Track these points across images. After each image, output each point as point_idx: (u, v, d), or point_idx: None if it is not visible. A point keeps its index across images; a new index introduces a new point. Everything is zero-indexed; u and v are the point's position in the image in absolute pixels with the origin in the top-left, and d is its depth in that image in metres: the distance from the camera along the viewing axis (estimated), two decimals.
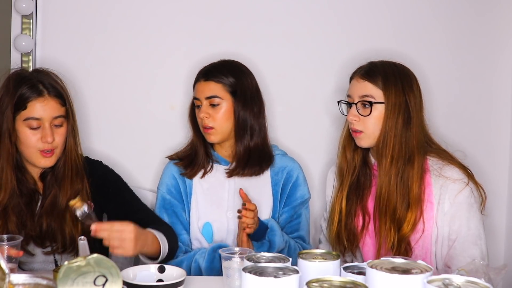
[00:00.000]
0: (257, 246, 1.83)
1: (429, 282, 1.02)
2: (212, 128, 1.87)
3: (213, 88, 1.87)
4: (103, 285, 1.02)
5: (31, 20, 2.30)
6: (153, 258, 1.65)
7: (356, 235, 1.78)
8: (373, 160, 1.80)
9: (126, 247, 1.47)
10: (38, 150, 1.68)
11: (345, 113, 1.79)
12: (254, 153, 1.91)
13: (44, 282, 1.08)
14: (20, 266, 1.72)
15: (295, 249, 1.90)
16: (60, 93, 1.72)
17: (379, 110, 1.70)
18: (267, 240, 1.85)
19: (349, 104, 1.77)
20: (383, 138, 1.70)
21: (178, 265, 1.81)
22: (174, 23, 2.34)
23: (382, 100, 1.69)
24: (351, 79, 1.80)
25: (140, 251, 1.55)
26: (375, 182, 1.78)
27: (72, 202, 1.50)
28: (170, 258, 1.72)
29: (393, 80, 1.71)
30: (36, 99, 1.66)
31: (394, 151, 1.68)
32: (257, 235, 1.82)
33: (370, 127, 1.71)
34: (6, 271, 1.02)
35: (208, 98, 1.87)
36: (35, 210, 1.74)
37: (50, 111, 1.68)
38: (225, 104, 1.87)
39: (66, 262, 1.01)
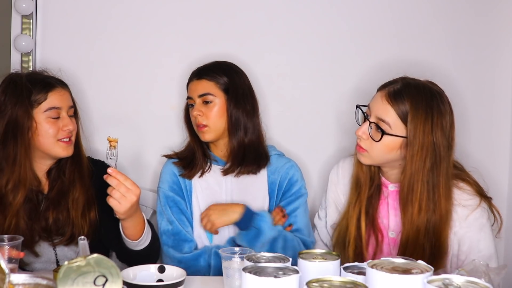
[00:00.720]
0: (244, 235, 1.81)
1: (429, 282, 1.02)
2: (205, 126, 1.87)
3: (206, 85, 1.88)
4: (103, 285, 1.02)
5: (31, 20, 2.30)
6: (130, 239, 1.68)
7: (365, 254, 1.72)
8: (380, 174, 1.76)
9: (122, 205, 1.55)
10: (57, 140, 1.73)
11: (359, 122, 1.71)
12: (249, 150, 1.90)
13: (44, 282, 1.08)
14: (22, 267, 1.72)
15: (291, 239, 1.85)
16: (67, 85, 1.81)
17: (391, 140, 1.60)
18: (253, 227, 1.82)
19: (365, 115, 1.67)
20: (408, 181, 1.59)
21: (196, 258, 1.83)
22: (174, 23, 2.34)
23: (398, 133, 1.59)
24: (378, 89, 1.68)
25: (126, 217, 1.61)
26: (383, 197, 1.75)
27: (111, 138, 1.56)
28: (146, 260, 1.64)
29: (422, 114, 1.56)
30: (54, 90, 1.75)
31: (422, 199, 1.58)
32: (242, 224, 1.82)
33: (375, 152, 1.64)
34: (6, 271, 1.02)
35: (201, 95, 1.88)
36: (39, 209, 1.75)
37: (66, 101, 1.77)
38: (218, 102, 1.87)
39: (66, 262, 1.01)
